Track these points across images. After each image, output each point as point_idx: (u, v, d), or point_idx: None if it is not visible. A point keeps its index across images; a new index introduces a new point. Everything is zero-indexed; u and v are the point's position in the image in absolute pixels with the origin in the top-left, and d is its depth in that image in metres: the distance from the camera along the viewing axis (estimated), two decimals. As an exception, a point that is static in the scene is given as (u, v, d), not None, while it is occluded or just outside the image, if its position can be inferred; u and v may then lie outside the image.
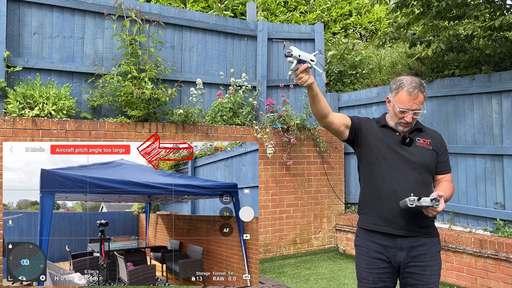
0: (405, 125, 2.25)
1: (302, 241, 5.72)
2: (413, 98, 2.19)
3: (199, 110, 5.21)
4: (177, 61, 5.47)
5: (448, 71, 5.09)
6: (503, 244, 4.07)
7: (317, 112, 2.18)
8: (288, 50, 2.01)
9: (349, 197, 6.20)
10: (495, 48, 4.49)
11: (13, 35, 4.55)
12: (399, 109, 2.21)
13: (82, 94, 4.87)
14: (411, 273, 2.20)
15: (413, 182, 2.19)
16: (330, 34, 8.42)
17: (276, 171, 5.51)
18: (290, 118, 5.53)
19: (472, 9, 4.45)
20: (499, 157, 4.56)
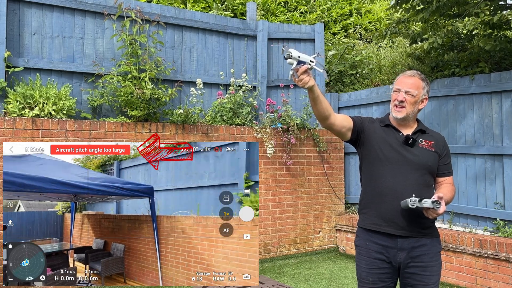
0: (397, 108, 2.25)
1: (302, 241, 5.72)
2: (407, 76, 2.27)
3: (199, 110, 5.21)
4: (177, 61, 5.47)
5: (448, 71, 5.09)
6: (503, 244, 4.07)
7: (319, 114, 2.17)
8: (288, 52, 2.01)
9: (349, 197, 6.20)
10: (494, 45, 4.48)
11: (13, 35, 4.55)
12: (393, 90, 2.29)
13: (82, 94, 4.87)
14: (411, 274, 2.20)
15: (415, 183, 2.19)
16: (330, 34, 8.42)
17: (276, 171, 5.51)
18: (290, 118, 5.52)
19: (472, 6, 4.45)
20: (499, 157, 4.56)
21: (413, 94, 2.23)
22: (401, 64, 6.27)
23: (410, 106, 2.24)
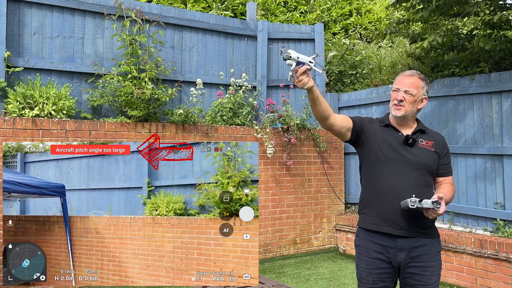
0: (396, 107, 2.26)
1: (302, 241, 5.72)
2: (406, 76, 2.27)
3: (199, 110, 5.21)
4: (177, 61, 5.47)
5: (448, 71, 5.10)
6: (503, 244, 4.07)
7: (318, 114, 2.17)
8: (286, 53, 2.00)
9: (349, 197, 6.20)
10: (494, 45, 4.48)
11: (13, 35, 4.55)
12: (392, 89, 2.29)
13: (82, 94, 4.87)
14: (411, 274, 2.20)
15: (414, 183, 2.19)
16: (330, 34, 8.42)
17: (276, 171, 5.51)
18: (290, 118, 5.53)
19: (472, 5, 4.45)
20: (499, 157, 4.56)
21: (413, 93, 2.23)
22: (401, 64, 6.27)
23: (409, 105, 2.24)
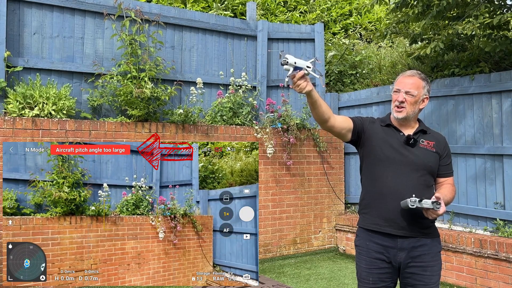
0: (398, 109, 2.25)
1: (302, 241, 5.72)
2: (407, 76, 2.27)
3: (199, 110, 5.21)
4: (177, 61, 5.47)
5: (448, 71, 5.10)
6: (503, 244, 4.07)
7: (318, 117, 2.17)
8: (284, 58, 1.99)
9: (349, 197, 6.20)
10: (494, 46, 4.48)
11: (13, 35, 4.55)
12: (393, 90, 2.28)
13: (82, 94, 4.87)
14: (412, 274, 2.20)
15: (415, 183, 2.19)
16: (330, 34, 8.42)
17: (276, 171, 5.51)
18: (290, 118, 5.53)
19: (472, 8, 4.45)
20: (499, 157, 4.56)
21: (413, 94, 2.23)
22: (401, 64, 6.28)
23: (410, 106, 2.24)
